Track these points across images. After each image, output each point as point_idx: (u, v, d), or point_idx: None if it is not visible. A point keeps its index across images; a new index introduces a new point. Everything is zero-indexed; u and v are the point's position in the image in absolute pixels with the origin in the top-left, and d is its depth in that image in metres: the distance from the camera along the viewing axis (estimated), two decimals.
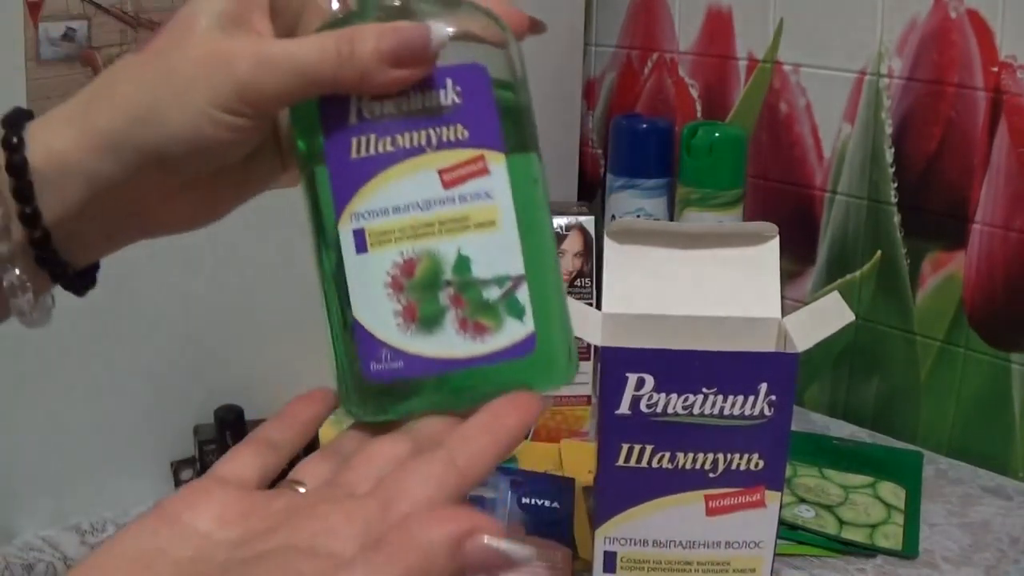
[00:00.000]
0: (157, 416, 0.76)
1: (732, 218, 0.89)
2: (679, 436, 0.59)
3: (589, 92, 1.10)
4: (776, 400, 0.58)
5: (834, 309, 0.61)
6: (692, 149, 0.89)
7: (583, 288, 0.84)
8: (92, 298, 0.45)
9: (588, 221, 0.85)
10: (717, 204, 0.88)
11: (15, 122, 0.40)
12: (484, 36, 0.40)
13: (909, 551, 0.72)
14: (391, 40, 0.37)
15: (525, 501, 0.69)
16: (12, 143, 0.39)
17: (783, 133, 0.95)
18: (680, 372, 0.58)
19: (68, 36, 0.66)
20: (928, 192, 0.87)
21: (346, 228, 0.39)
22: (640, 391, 0.59)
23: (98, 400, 0.73)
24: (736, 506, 0.61)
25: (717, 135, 0.88)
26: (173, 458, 0.78)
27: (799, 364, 0.58)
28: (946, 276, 0.87)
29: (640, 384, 0.59)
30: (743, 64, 0.97)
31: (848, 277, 0.93)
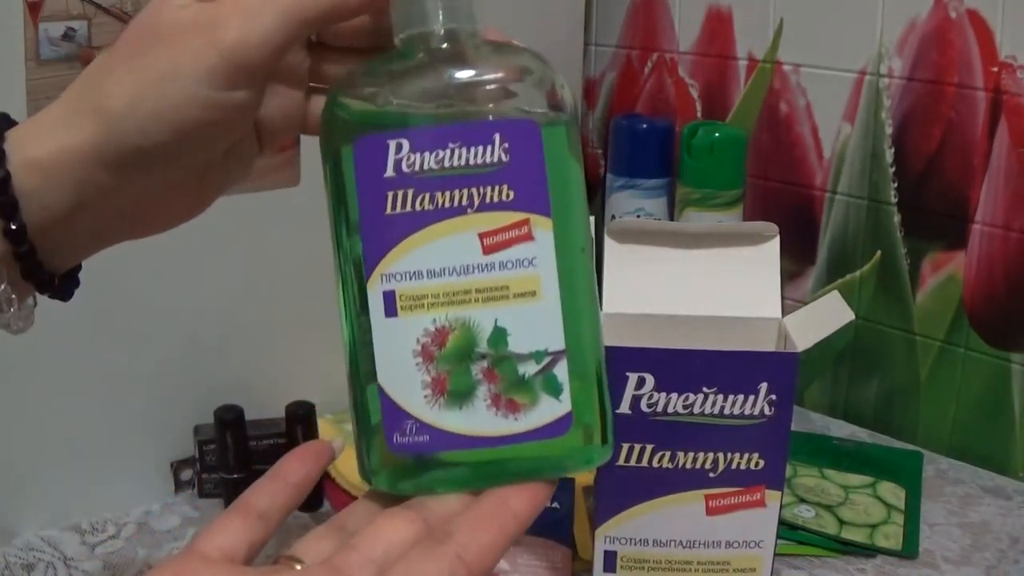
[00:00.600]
0: (157, 416, 0.76)
1: (732, 218, 0.89)
2: (679, 435, 0.59)
3: (589, 92, 1.10)
4: (776, 400, 0.58)
5: (834, 309, 0.61)
6: (692, 149, 0.89)
7: None
8: (92, 298, 0.45)
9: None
10: (717, 204, 0.88)
11: None
12: (534, 85, 0.37)
13: (909, 551, 0.72)
14: None
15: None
16: None
17: (783, 133, 0.95)
18: (680, 372, 0.58)
19: (68, 36, 0.66)
20: (928, 192, 0.87)
21: (375, 289, 0.36)
22: (640, 390, 0.59)
23: (98, 400, 0.73)
24: (736, 506, 0.61)
25: (717, 135, 0.88)
26: (173, 458, 0.78)
27: (799, 364, 0.58)
28: (946, 276, 0.87)
29: (640, 383, 0.59)
30: (743, 64, 0.97)
31: (848, 277, 0.93)
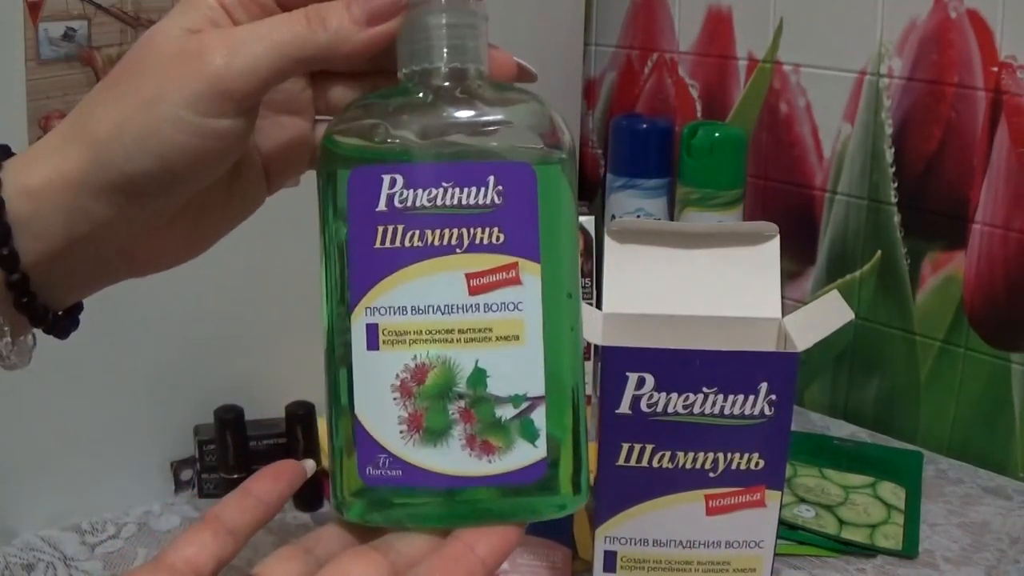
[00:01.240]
0: (157, 416, 0.76)
1: (732, 218, 0.89)
2: (679, 435, 0.59)
3: (589, 92, 1.10)
4: (776, 400, 0.58)
5: (834, 308, 0.61)
6: (692, 149, 0.89)
7: (583, 288, 0.84)
8: (92, 298, 0.45)
9: (588, 221, 0.85)
10: (717, 204, 0.88)
11: None
12: (535, 129, 0.37)
13: (909, 551, 0.72)
14: (359, 3, 0.36)
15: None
16: None
17: (783, 133, 0.95)
18: (680, 372, 0.58)
19: (68, 36, 0.66)
20: (928, 192, 0.87)
21: (359, 321, 0.36)
22: (640, 390, 0.59)
23: (98, 400, 0.73)
24: (736, 506, 0.61)
25: (717, 135, 0.88)
26: (173, 458, 0.78)
27: (799, 364, 0.58)
28: (946, 276, 0.87)
29: (640, 383, 0.59)
30: (743, 64, 0.97)
31: (848, 277, 0.93)
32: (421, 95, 0.37)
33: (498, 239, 0.36)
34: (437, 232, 0.36)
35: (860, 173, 0.91)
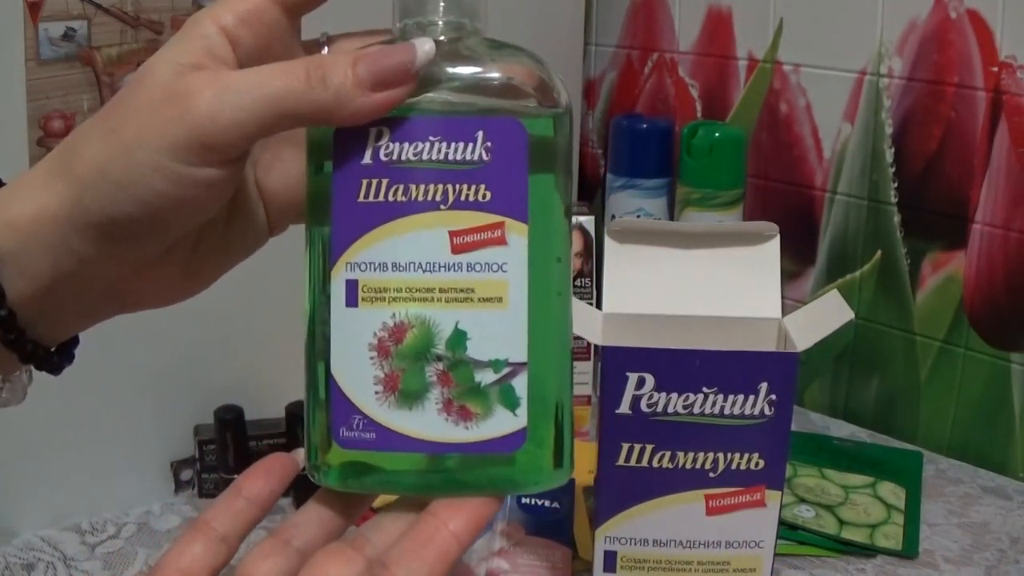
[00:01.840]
0: (157, 416, 0.76)
1: (732, 218, 0.89)
2: (679, 436, 0.59)
3: (589, 92, 1.10)
4: (776, 400, 0.58)
5: (834, 308, 0.61)
6: (692, 149, 0.89)
7: (583, 288, 0.84)
8: None
9: (588, 221, 0.85)
10: (717, 204, 0.88)
11: None
12: (529, 87, 0.36)
13: (909, 551, 0.72)
14: (367, 63, 0.33)
15: (525, 501, 0.69)
16: None
17: (783, 133, 0.95)
18: (680, 372, 0.58)
19: (68, 36, 0.66)
20: (928, 192, 0.87)
21: (339, 277, 0.35)
22: (640, 390, 0.59)
23: (98, 400, 0.73)
24: (736, 506, 0.61)
25: (717, 135, 0.88)
26: (173, 458, 0.78)
27: (799, 364, 0.58)
28: (946, 276, 0.87)
29: (640, 383, 0.59)
30: (743, 64, 0.97)
31: (848, 277, 0.93)
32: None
33: (484, 197, 0.35)
34: (422, 187, 0.35)
35: (860, 173, 0.91)
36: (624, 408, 0.59)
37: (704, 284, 0.64)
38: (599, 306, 0.65)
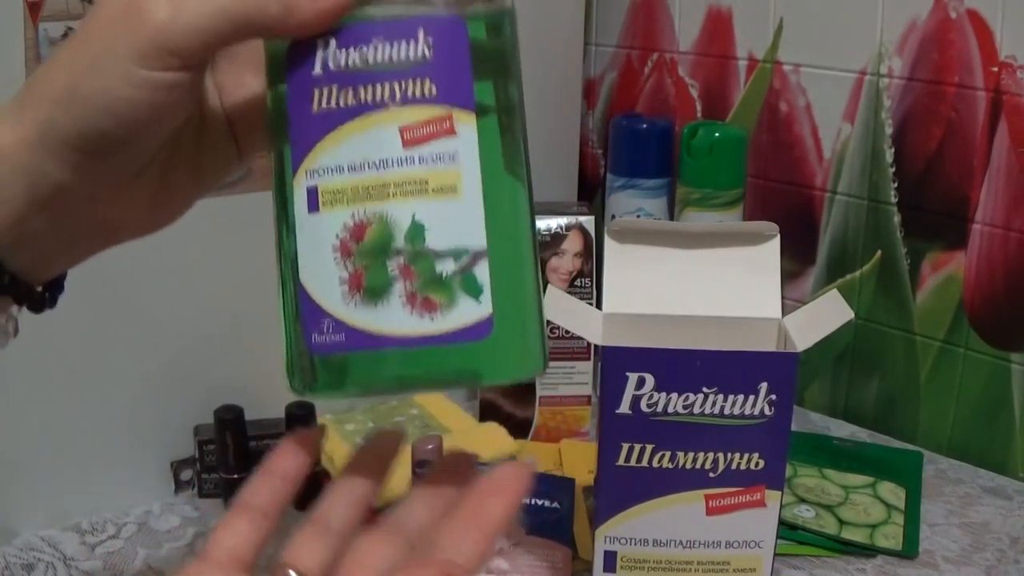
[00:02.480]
0: (157, 416, 0.76)
1: (732, 218, 0.89)
2: (679, 435, 0.59)
3: (589, 92, 1.10)
4: (776, 400, 0.58)
5: (833, 308, 0.61)
6: (692, 149, 0.89)
7: (583, 288, 0.84)
8: (92, 298, 0.45)
9: (588, 221, 0.85)
10: (717, 204, 0.88)
11: None
12: None
13: (909, 551, 0.72)
14: None
15: (525, 501, 0.69)
16: None
17: (783, 133, 0.95)
18: (680, 372, 0.58)
19: (68, 36, 0.66)
20: (928, 192, 0.87)
21: (300, 186, 0.36)
22: (640, 390, 0.59)
23: (98, 400, 0.73)
24: (736, 506, 0.61)
25: (717, 135, 0.88)
26: (173, 458, 0.78)
27: (799, 364, 0.58)
28: (946, 276, 0.87)
29: (640, 383, 0.59)
30: (743, 64, 0.97)
31: (848, 277, 0.93)
32: None
33: (431, 91, 0.35)
34: (370, 89, 0.35)
35: (860, 173, 0.91)
36: (624, 408, 0.59)
37: (704, 284, 0.64)
38: (599, 306, 0.65)
